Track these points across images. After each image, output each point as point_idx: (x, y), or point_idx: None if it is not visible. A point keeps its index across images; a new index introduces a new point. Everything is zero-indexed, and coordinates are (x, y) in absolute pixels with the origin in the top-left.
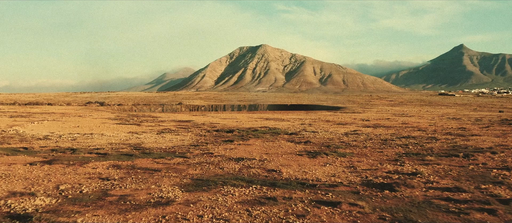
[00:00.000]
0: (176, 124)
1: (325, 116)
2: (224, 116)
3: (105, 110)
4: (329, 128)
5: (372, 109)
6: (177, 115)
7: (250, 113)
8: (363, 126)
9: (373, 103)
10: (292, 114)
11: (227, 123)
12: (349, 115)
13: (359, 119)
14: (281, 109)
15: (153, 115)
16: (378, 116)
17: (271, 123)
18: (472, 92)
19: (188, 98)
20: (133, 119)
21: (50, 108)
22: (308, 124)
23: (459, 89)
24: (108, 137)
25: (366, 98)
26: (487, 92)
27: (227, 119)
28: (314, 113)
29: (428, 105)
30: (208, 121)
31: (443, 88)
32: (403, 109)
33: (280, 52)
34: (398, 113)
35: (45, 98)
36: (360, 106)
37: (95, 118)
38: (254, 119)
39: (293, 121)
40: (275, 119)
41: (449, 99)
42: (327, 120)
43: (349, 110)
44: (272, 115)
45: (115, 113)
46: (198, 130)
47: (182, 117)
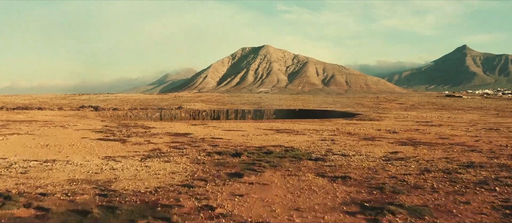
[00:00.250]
0: (170, 141)
1: (342, 125)
2: (228, 126)
3: (95, 118)
4: (358, 146)
5: (388, 115)
6: (174, 125)
7: (256, 122)
8: (397, 142)
9: (384, 106)
10: (305, 123)
11: (232, 138)
12: (369, 124)
13: (383, 130)
14: (290, 115)
15: (147, 125)
16: (402, 126)
17: (284, 137)
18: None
19: (189, 101)
20: (121, 132)
21: (37, 114)
22: (330, 139)
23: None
24: (73, 168)
25: (374, 100)
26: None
27: (232, 131)
28: (328, 122)
29: (443, 109)
30: (209, 135)
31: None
32: (422, 115)
33: (283, 53)
34: (422, 121)
35: (41, 101)
36: (372, 110)
37: (78, 130)
38: (263, 130)
39: (309, 134)
40: (288, 131)
41: (460, 101)
42: (348, 132)
43: (364, 116)
44: (282, 124)
45: (104, 122)
46: (195, 151)
47: (179, 128)
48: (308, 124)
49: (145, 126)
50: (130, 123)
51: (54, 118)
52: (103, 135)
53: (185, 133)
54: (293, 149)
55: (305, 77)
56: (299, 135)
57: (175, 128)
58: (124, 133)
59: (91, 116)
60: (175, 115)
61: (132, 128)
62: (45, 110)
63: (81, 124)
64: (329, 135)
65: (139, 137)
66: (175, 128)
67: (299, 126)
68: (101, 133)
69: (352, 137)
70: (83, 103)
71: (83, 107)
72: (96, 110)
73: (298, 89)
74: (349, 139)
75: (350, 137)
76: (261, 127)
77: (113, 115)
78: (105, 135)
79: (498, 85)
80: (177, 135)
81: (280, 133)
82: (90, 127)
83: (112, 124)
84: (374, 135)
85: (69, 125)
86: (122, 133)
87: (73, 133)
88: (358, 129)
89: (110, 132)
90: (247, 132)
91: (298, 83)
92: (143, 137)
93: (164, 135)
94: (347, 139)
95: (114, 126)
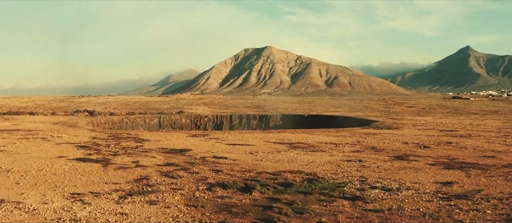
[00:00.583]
0: (163, 161)
1: (362, 136)
2: (232, 138)
3: (85, 126)
4: (395, 171)
5: (403, 121)
6: (171, 136)
7: (264, 133)
8: (438, 163)
9: (395, 110)
10: (319, 134)
11: (239, 158)
12: (390, 135)
13: (411, 143)
14: (298, 122)
15: (140, 136)
16: (428, 137)
17: (301, 156)
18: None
19: (190, 104)
20: (109, 147)
21: (25, 121)
22: (356, 159)
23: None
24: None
25: (381, 103)
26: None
27: (237, 146)
28: (345, 132)
29: (457, 113)
30: (210, 152)
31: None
32: (440, 121)
33: (286, 54)
34: (445, 129)
35: (38, 104)
36: (384, 115)
37: (60, 143)
38: (273, 145)
39: (329, 150)
40: (302, 145)
41: (471, 104)
42: (372, 146)
43: (381, 124)
44: (293, 135)
45: (94, 132)
46: (193, 181)
47: (176, 141)
48: (322, 134)
49: (138, 138)
50: (122, 134)
51: (41, 126)
52: (85, 153)
53: (182, 149)
54: (318, 178)
55: (308, 78)
56: (317, 152)
57: (172, 141)
58: (111, 149)
59: (82, 124)
60: (175, 121)
61: (123, 141)
62: (37, 115)
63: (67, 135)
64: (352, 151)
65: (127, 155)
66: (172, 140)
67: (313, 138)
68: (84, 150)
69: (380, 154)
70: (81, 106)
71: (78, 111)
72: (91, 115)
73: (301, 90)
74: (379, 158)
75: (378, 154)
76: (270, 139)
77: (107, 122)
78: (88, 152)
79: (501, 86)
80: (173, 152)
81: (294, 148)
82: (75, 139)
83: (102, 134)
84: (404, 151)
85: (52, 137)
86: (109, 149)
87: (52, 149)
88: (382, 142)
89: (95, 147)
90: (256, 148)
91: (301, 84)
92: (132, 156)
93: (157, 152)
94: (376, 158)
95: (103, 138)
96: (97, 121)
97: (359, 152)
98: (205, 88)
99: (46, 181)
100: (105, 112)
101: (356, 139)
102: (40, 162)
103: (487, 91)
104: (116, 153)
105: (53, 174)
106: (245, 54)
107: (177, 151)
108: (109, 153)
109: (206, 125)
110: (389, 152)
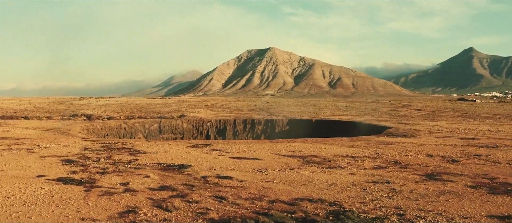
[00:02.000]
0: (157, 184)
1: (379, 147)
2: (237, 149)
3: (78, 134)
4: (432, 196)
5: (416, 127)
6: (170, 147)
7: (273, 144)
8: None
9: (404, 114)
10: (332, 144)
11: (246, 178)
12: (409, 144)
13: (436, 156)
14: (306, 127)
15: (136, 147)
16: (451, 148)
17: (318, 176)
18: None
19: (193, 107)
20: (98, 162)
21: (16, 126)
22: (383, 180)
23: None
24: None
25: (388, 105)
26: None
27: (243, 161)
28: (360, 141)
29: (468, 117)
30: (213, 170)
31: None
32: (456, 127)
33: (289, 55)
34: (465, 137)
35: (36, 106)
36: (394, 119)
37: (45, 156)
38: (284, 159)
39: (348, 166)
40: (317, 159)
41: (480, 107)
42: (395, 160)
43: (395, 130)
44: (305, 146)
45: (87, 140)
46: (191, 217)
47: (175, 154)
48: (336, 145)
49: (133, 150)
50: (117, 144)
51: (32, 134)
52: (69, 170)
53: (181, 164)
54: (345, 212)
55: (312, 79)
56: (335, 169)
57: (170, 154)
58: (100, 165)
59: (76, 130)
60: (176, 126)
61: (116, 153)
62: (32, 119)
63: (56, 144)
64: (374, 167)
65: (117, 174)
66: (170, 152)
67: (327, 150)
68: (69, 166)
69: (408, 172)
70: (80, 109)
71: (75, 116)
72: (89, 119)
73: (304, 92)
74: (408, 178)
75: (405, 172)
76: (279, 151)
77: (104, 128)
78: (72, 169)
79: (505, 88)
80: (170, 169)
81: (308, 164)
82: (63, 151)
83: (94, 144)
84: (433, 167)
85: (39, 147)
86: (98, 165)
87: (33, 165)
88: (404, 154)
89: (83, 162)
90: (264, 163)
91: (304, 86)
92: (122, 175)
93: (152, 168)
94: (404, 177)
95: (95, 149)
96: (93, 127)
97: (382, 169)
98: (208, 90)
99: (9, 215)
100: (104, 116)
101: (374, 151)
102: (12, 185)
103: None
104: (105, 171)
105: (22, 203)
106: (248, 55)
107: (175, 167)
108: (96, 170)
109: (209, 130)
110: (416, 168)
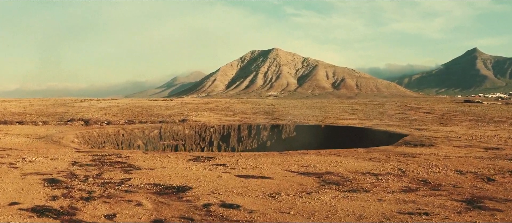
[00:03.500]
0: (148, 217)
1: (400, 160)
2: (244, 165)
3: (71, 143)
4: None
5: (430, 132)
6: (169, 161)
7: (283, 156)
8: None
9: (413, 117)
10: (347, 156)
11: (256, 208)
12: (431, 156)
13: (468, 174)
14: (315, 134)
15: (131, 163)
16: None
17: (340, 202)
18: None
19: (195, 109)
20: (86, 182)
21: (8, 132)
22: (418, 209)
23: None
24: None
25: (395, 108)
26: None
27: (251, 180)
28: (377, 152)
29: (482, 121)
30: (216, 194)
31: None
32: (473, 133)
33: (292, 56)
34: (490, 146)
35: (35, 109)
36: (405, 123)
37: (26, 174)
38: (297, 178)
39: (371, 187)
40: (335, 179)
41: (491, 110)
42: (425, 180)
43: (413, 139)
44: (317, 159)
45: (79, 151)
46: None
47: (174, 170)
48: (352, 157)
49: (128, 165)
50: (110, 156)
51: (21, 143)
52: (49, 195)
53: (180, 187)
54: None
55: (315, 80)
56: (359, 192)
57: (168, 170)
58: (87, 187)
59: (69, 139)
60: (178, 132)
61: (108, 169)
62: (26, 124)
63: (44, 157)
64: (402, 190)
65: (104, 200)
66: (169, 168)
67: (343, 164)
68: (51, 188)
69: (443, 197)
70: (79, 112)
71: (72, 120)
72: (87, 124)
73: (308, 93)
74: (447, 206)
75: (439, 197)
76: (291, 167)
77: (100, 134)
78: (53, 193)
79: (509, 89)
80: (167, 192)
81: (327, 185)
82: (49, 166)
83: (86, 157)
84: (469, 188)
85: (24, 161)
86: (84, 187)
87: (9, 188)
88: (431, 171)
89: (68, 182)
90: (276, 184)
91: (308, 87)
92: (110, 201)
93: (146, 192)
94: (441, 204)
95: (85, 164)
96: (88, 134)
97: (413, 193)
98: (211, 91)
99: None
100: (102, 120)
101: (396, 165)
102: None
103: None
104: (91, 195)
105: None
106: (251, 56)
107: (173, 190)
108: (81, 194)
109: (212, 136)
110: (450, 191)
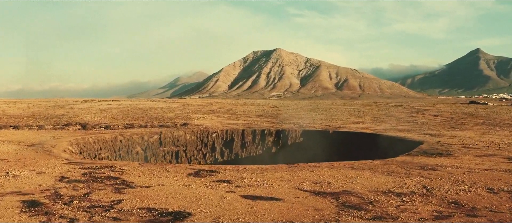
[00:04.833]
0: None
1: (421, 175)
2: (250, 181)
3: (63, 153)
4: None
5: (444, 138)
6: (167, 177)
7: (293, 171)
8: None
9: (422, 121)
10: (362, 170)
11: None
12: (454, 169)
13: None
14: (323, 141)
15: (124, 178)
16: (507, 173)
17: None
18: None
19: (198, 112)
20: (70, 205)
21: (1, 139)
22: None
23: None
24: None
25: (401, 110)
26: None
27: (258, 202)
28: (394, 165)
29: (494, 125)
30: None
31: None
32: (489, 139)
33: (295, 56)
34: (511, 156)
35: (34, 111)
36: (415, 128)
37: (5, 193)
38: (311, 200)
39: (397, 213)
40: (353, 201)
41: (500, 112)
42: (456, 202)
43: (430, 148)
44: (331, 174)
45: (70, 163)
46: None
47: (171, 189)
48: (368, 171)
49: (121, 182)
50: (103, 170)
51: (10, 152)
52: None
53: (178, 212)
54: None
55: (318, 81)
56: (385, 221)
57: (165, 190)
58: (69, 214)
59: (62, 147)
60: (179, 137)
61: (97, 187)
62: (21, 129)
63: (29, 171)
64: (434, 216)
65: None
66: (166, 186)
67: (360, 181)
68: (28, 214)
69: None
70: (80, 113)
71: (69, 124)
72: (84, 128)
73: (311, 93)
74: None
75: None
76: (303, 185)
77: (97, 141)
78: (29, 221)
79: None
80: (161, 221)
81: (346, 210)
82: (33, 183)
83: (76, 171)
84: (508, 212)
85: (7, 176)
86: (66, 214)
87: None
88: (460, 189)
89: (49, 205)
90: (287, 208)
91: (310, 87)
92: None
93: (137, 221)
94: None
95: (73, 180)
96: (84, 140)
97: (447, 220)
98: (214, 91)
99: None
100: (101, 124)
101: (419, 182)
102: None
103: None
104: None
105: None
106: (254, 57)
107: (169, 217)
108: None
109: (215, 142)
110: (490, 218)
